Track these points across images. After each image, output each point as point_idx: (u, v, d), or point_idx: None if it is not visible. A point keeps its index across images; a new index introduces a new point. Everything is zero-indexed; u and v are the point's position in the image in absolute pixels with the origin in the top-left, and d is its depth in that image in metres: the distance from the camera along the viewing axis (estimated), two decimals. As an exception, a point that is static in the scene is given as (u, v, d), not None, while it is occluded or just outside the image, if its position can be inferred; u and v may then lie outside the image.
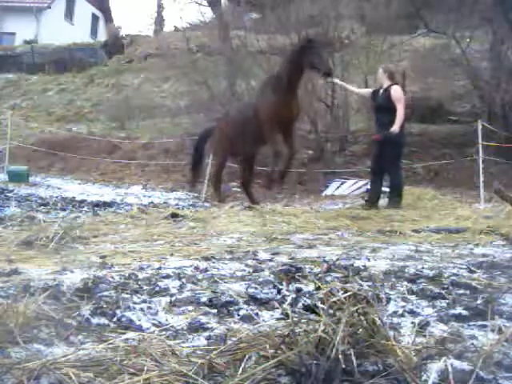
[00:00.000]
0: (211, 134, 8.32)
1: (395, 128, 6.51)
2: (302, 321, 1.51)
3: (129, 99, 18.19)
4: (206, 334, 1.70)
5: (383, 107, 6.76)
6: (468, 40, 13.62)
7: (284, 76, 7.00)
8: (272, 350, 1.37)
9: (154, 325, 1.80)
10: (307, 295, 2.13)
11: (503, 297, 2.06)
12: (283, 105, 7.01)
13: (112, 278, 2.32)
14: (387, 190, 7.11)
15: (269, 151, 8.02)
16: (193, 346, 1.58)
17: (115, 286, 2.17)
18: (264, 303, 2.06)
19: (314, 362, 1.29)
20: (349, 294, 1.50)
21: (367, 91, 7.64)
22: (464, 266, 2.71)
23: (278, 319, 1.85)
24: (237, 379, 1.28)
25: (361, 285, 2.27)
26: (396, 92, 6.75)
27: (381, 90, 6.89)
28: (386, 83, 6.84)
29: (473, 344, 1.54)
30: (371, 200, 6.80)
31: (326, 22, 14.20)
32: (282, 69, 7.17)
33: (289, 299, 2.08)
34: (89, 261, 2.81)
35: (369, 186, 7.86)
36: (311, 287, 2.25)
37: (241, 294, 2.15)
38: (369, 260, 2.91)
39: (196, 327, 1.77)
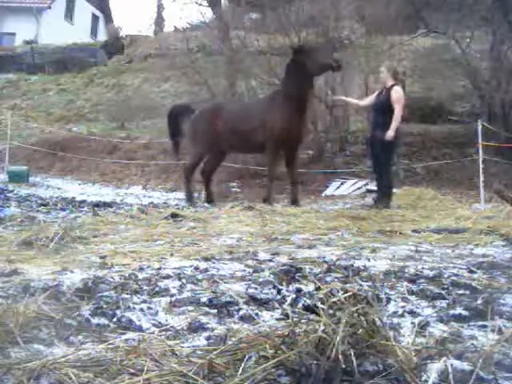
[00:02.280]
0: (186, 111, 8.13)
1: (390, 134, 6.47)
2: (302, 321, 1.51)
3: (129, 99, 18.18)
4: (206, 333, 1.70)
5: (380, 107, 6.71)
6: (468, 40, 13.62)
7: (295, 89, 6.84)
8: (272, 350, 1.37)
9: (153, 325, 1.80)
10: (307, 295, 2.13)
11: (503, 297, 2.05)
12: (294, 126, 6.90)
13: (112, 278, 2.32)
14: (371, 188, 7.11)
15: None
16: (193, 346, 1.58)
17: (115, 286, 2.17)
18: (264, 303, 2.06)
19: (314, 362, 1.29)
20: (349, 294, 1.50)
21: (371, 98, 7.45)
22: (464, 266, 2.71)
23: (278, 319, 1.85)
24: (237, 379, 1.28)
25: (361, 285, 2.27)
26: (397, 93, 6.68)
27: (383, 91, 6.85)
28: (390, 82, 6.77)
29: (473, 344, 1.54)
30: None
31: (326, 22, 14.20)
32: (291, 81, 6.97)
33: (289, 299, 2.08)
34: (89, 261, 2.81)
35: (369, 187, 7.86)
36: (311, 287, 2.25)
37: (241, 294, 2.15)
38: (369, 260, 2.91)
39: (196, 327, 1.77)
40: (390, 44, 14.34)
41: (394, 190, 7.07)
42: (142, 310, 1.92)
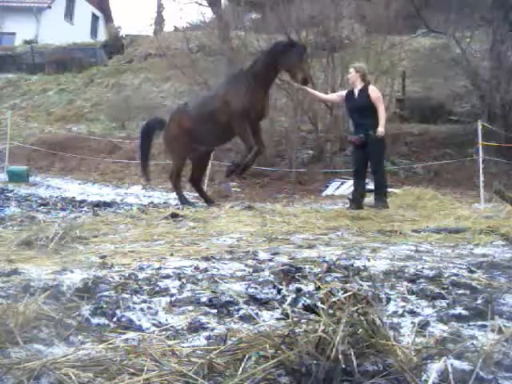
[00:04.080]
0: (159, 126, 8.09)
1: (381, 130, 6.46)
2: (302, 321, 1.51)
3: (129, 99, 18.17)
4: (206, 333, 1.70)
5: (361, 108, 6.63)
6: (468, 40, 13.63)
7: (259, 73, 6.90)
8: (272, 350, 1.36)
9: (153, 325, 1.80)
10: (307, 295, 2.13)
11: (503, 297, 2.05)
12: (256, 100, 6.92)
13: (112, 278, 2.32)
14: (371, 188, 7.06)
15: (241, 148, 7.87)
16: (193, 346, 1.57)
17: (115, 286, 2.17)
18: (264, 303, 2.06)
19: (314, 361, 1.29)
20: (349, 294, 1.50)
21: (338, 95, 7.49)
22: (464, 266, 2.71)
23: (278, 319, 1.85)
24: (237, 379, 1.28)
25: (361, 285, 2.27)
26: (374, 92, 6.68)
27: (355, 91, 6.77)
28: (360, 84, 6.75)
29: (473, 344, 1.54)
30: (355, 200, 6.74)
31: (326, 22, 14.21)
32: (257, 66, 7.04)
33: (289, 299, 2.08)
34: (89, 261, 2.81)
35: (369, 186, 7.82)
36: (311, 287, 2.24)
37: (241, 294, 2.15)
38: (369, 260, 2.90)
39: (196, 327, 1.77)
40: (390, 44, 14.35)
41: (396, 191, 7.04)
42: (142, 309, 1.92)
